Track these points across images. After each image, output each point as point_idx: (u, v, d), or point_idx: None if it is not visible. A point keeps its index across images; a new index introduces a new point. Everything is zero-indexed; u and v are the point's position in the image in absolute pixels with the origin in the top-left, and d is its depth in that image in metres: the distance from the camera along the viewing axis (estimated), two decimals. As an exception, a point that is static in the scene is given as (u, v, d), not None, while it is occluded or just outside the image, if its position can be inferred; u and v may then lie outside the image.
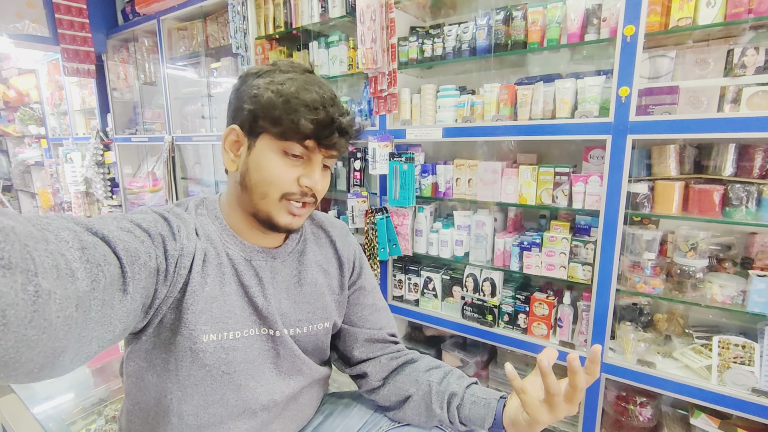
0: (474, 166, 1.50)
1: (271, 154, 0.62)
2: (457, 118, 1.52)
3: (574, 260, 1.36)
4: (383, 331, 0.82)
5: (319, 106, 0.60)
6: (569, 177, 1.33)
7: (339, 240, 0.81)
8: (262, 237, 0.70)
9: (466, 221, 1.58)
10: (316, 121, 0.59)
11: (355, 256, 0.83)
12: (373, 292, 0.85)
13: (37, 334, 0.34)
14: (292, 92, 0.60)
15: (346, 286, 0.81)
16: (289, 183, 0.62)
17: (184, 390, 0.63)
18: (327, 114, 0.60)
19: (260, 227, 0.67)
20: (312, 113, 0.59)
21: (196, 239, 0.62)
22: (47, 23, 2.50)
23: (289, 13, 1.89)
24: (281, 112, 0.59)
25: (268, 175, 0.62)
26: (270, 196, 0.62)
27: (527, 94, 1.35)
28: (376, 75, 1.57)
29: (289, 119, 0.59)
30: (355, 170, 1.76)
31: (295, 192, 0.63)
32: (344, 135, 0.63)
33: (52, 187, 3.91)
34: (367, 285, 0.84)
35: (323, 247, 0.79)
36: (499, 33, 1.37)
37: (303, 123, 0.59)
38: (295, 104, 0.59)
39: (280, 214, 0.64)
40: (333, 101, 0.62)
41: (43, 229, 0.38)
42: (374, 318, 0.83)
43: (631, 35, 1.10)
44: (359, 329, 0.81)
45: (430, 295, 1.69)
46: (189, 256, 0.59)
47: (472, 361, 1.67)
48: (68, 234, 0.41)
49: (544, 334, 1.45)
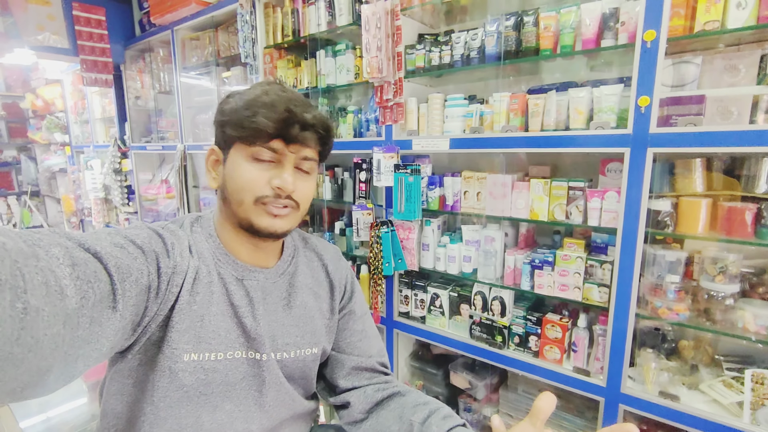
0: (483, 179, 1.43)
1: (242, 162, 0.63)
2: (465, 128, 1.45)
3: (590, 281, 1.26)
4: (372, 360, 0.78)
5: (278, 105, 0.60)
6: (584, 192, 1.24)
7: (331, 264, 0.79)
8: (254, 254, 0.69)
9: (474, 236, 1.51)
10: (276, 119, 0.60)
11: (346, 280, 0.81)
12: (364, 318, 0.81)
13: (23, 352, 0.33)
14: (253, 97, 0.62)
15: (337, 310, 0.78)
16: (261, 186, 0.62)
17: (157, 413, 0.60)
18: (287, 111, 0.60)
19: (249, 239, 0.67)
20: (271, 111, 0.60)
21: (189, 257, 0.62)
22: (67, 35, 2.56)
23: (297, 22, 1.87)
24: (242, 116, 0.61)
25: (240, 181, 0.63)
26: (245, 201, 0.63)
27: (539, 103, 1.27)
28: (382, 84, 1.52)
29: (249, 121, 0.60)
30: (361, 181, 1.71)
31: (268, 195, 0.62)
32: (308, 129, 0.62)
33: (74, 193, 4.02)
34: (357, 310, 0.80)
35: (315, 270, 0.77)
36: (509, 39, 1.30)
37: (262, 121, 0.59)
38: (255, 106, 0.61)
39: (258, 217, 0.63)
40: (296, 101, 0.62)
41: (34, 245, 0.38)
42: (363, 345, 0.79)
43: (651, 40, 1.01)
44: (347, 356, 0.77)
45: (437, 313, 1.62)
46: (181, 273, 0.59)
47: (481, 383, 1.59)
48: (59, 250, 0.40)
49: (557, 359, 1.36)
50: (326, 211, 2.01)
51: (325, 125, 0.65)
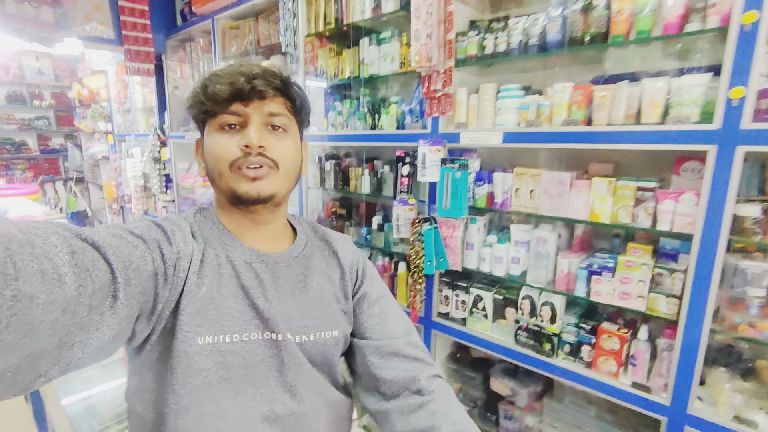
0: (537, 176, 1.33)
1: (213, 135, 0.65)
2: (520, 121, 1.36)
3: (656, 290, 1.16)
4: (397, 342, 0.73)
5: (229, 71, 0.63)
6: (655, 193, 1.13)
7: (341, 249, 0.79)
8: (257, 235, 0.70)
9: (524, 236, 1.42)
10: (226, 82, 0.62)
11: (357, 264, 0.80)
12: (381, 301, 0.78)
13: (17, 338, 0.34)
14: (208, 75, 0.65)
15: (350, 295, 0.77)
16: (232, 150, 0.63)
17: (180, 401, 0.59)
18: (234, 73, 0.62)
19: (244, 216, 0.68)
20: (221, 78, 0.62)
21: (192, 241, 0.63)
22: (112, 25, 2.60)
23: (341, 9, 1.81)
24: (198, 93, 0.64)
25: (213, 152, 0.64)
26: (223, 171, 0.64)
27: (606, 95, 1.17)
28: (430, 73, 1.44)
29: (204, 94, 0.63)
30: (403, 176, 1.64)
31: (239, 156, 0.63)
32: (256, 78, 0.62)
33: (115, 180, 4.15)
34: (372, 292, 0.79)
35: (327, 258, 0.78)
36: (575, 24, 1.20)
37: (214, 88, 0.62)
38: (209, 79, 0.64)
39: (238, 184, 0.64)
40: (245, 65, 0.64)
41: (30, 233, 0.38)
42: (383, 328, 0.76)
43: (751, 23, 0.89)
44: (368, 342, 0.74)
45: (480, 315, 1.54)
46: (186, 258, 0.60)
47: (524, 391, 1.50)
48: (57, 238, 0.41)
49: (613, 372, 1.26)
50: (364, 205, 1.96)
51: (272, 72, 0.65)
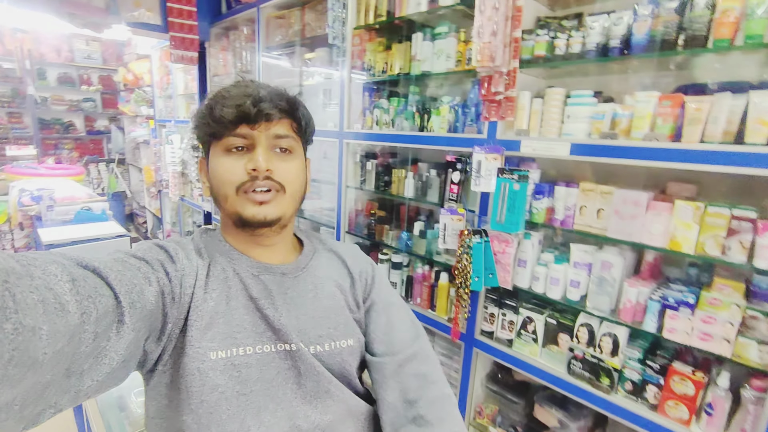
0: (608, 194, 1.20)
1: (219, 158, 0.64)
2: (592, 131, 1.22)
3: (746, 335, 1.01)
4: (396, 358, 0.71)
5: (234, 93, 0.62)
6: (754, 224, 0.98)
7: (349, 257, 0.79)
8: (265, 253, 0.70)
9: (586, 258, 1.28)
10: (232, 105, 0.61)
11: (365, 270, 0.79)
12: (389, 309, 0.77)
13: (21, 372, 0.34)
14: (213, 95, 0.65)
15: (361, 302, 0.77)
16: (238, 174, 0.63)
17: (199, 421, 0.58)
18: (242, 96, 0.62)
19: (252, 238, 0.68)
20: (228, 100, 0.62)
21: (197, 258, 0.64)
22: (160, 11, 2.59)
23: (393, 1, 1.70)
24: (204, 114, 0.64)
25: (220, 175, 0.64)
26: (229, 194, 0.64)
27: (702, 108, 1.02)
28: (491, 74, 1.32)
29: (211, 116, 0.63)
30: (453, 182, 1.53)
31: (245, 179, 0.63)
32: (263, 101, 0.62)
33: (154, 165, 4.23)
34: (379, 300, 0.78)
35: (336, 267, 0.77)
36: (669, 25, 1.05)
37: (221, 110, 0.61)
38: (214, 102, 0.63)
39: (244, 207, 0.64)
40: (252, 86, 0.64)
41: (29, 264, 0.38)
42: (389, 339, 0.74)
43: None
44: (375, 358, 0.73)
45: (529, 338, 1.43)
46: (192, 274, 0.61)
47: (573, 425, 1.38)
48: (56, 268, 0.41)
49: (684, 419, 1.12)
50: (406, 208, 1.87)
51: (281, 95, 0.65)
